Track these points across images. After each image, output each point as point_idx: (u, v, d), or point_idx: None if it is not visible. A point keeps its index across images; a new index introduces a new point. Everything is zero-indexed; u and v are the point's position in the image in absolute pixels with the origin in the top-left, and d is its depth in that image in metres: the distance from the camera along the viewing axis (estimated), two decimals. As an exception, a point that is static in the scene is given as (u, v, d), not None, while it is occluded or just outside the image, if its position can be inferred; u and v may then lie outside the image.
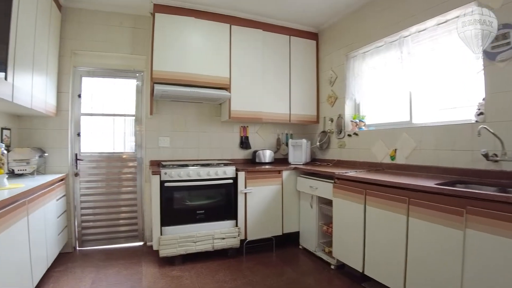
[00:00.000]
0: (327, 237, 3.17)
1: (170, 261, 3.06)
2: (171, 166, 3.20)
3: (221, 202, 3.29)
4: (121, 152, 3.71)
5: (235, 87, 3.60)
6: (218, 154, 3.97)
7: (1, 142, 2.84)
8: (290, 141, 3.98)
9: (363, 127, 3.52)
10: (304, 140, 3.85)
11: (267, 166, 3.59)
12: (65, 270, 2.88)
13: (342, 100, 3.69)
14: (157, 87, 3.17)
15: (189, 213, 3.15)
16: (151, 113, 3.38)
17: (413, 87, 2.92)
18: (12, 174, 2.84)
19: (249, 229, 3.33)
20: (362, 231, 2.52)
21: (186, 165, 3.26)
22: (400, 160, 2.94)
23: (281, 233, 3.48)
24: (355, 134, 3.49)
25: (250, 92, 3.69)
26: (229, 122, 3.95)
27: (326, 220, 3.18)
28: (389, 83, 3.14)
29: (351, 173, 2.82)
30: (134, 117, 3.74)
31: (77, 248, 3.48)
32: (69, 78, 3.41)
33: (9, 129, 2.99)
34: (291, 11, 3.65)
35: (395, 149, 2.99)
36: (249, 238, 3.33)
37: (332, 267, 2.97)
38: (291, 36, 3.98)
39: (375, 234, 2.41)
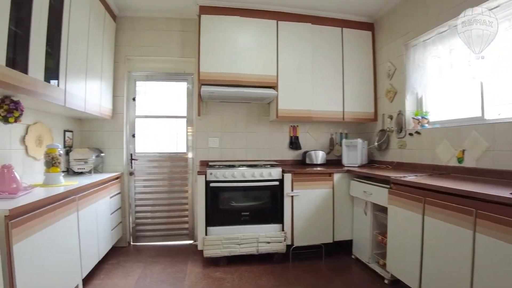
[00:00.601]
0: (382, 248, 2.84)
1: (215, 262, 3.05)
2: (217, 166, 3.20)
3: (266, 205, 3.18)
4: (174, 153, 3.83)
5: (283, 85, 3.46)
6: (267, 155, 3.87)
7: (64, 143, 3.13)
8: (344, 141, 3.69)
9: (426, 125, 3.08)
10: (359, 140, 3.53)
11: (318, 168, 3.36)
12: (117, 264, 3.06)
13: (402, 95, 3.29)
14: (204, 88, 3.19)
15: (234, 214, 3.11)
16: (198, 114, 3.42)
17: (485, 76, 2.44)
18: (72, 173, 3.12)
19: (296, 234, 3.15)
20: (420, 244, 2.17)
21: (232, 166, 3.22)
22: (468, 163, 2.49)
23: (331, 241, 3.23)
24: (417, 132, 3.08)
25: (299, 89, 3.50)
26: (277, 121, 3.81)
27: (382, 229, 2.85)
28: (455, 73, 2.68)
29: (410, 177, 2.47)
30: (185, 119, 3.84)
31: (131, 243, 3.69)
32: (123, 82, 3.63)
33: (71, 131, 3.28)
34: (343, 1, 3.37)
35: (463, 150, 2.54)
36: (296, 244, 3.15)
37: (386, 281, 2.64)
38: (343, 28, 3.68)
39: (435, 249, 2.05)
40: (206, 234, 3.03)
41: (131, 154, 3.72)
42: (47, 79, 2.15)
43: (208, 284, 2.65)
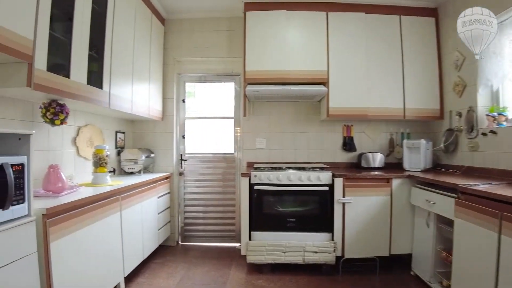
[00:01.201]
0: (446, 266, 2.40)
1: (259, 269, 2.92)
2: (262, 168, 3.08)
3: (315, 211, 2.95)
4: (222, 153, 3.80)
5: (334, 81, 3.18)
6: (317, 157, 3.61)
7: (116, 144, 3.29)
8: (404, 142, 3.25)
9: (504, 123, 2.54)
10: (422, 141, 3.08)
11: (375, 172, 3.02)
12: (162, 263, 3.11)
13: (474, 88, 2.77)
14: (249, 88, 3.09)
15: (279, 219, 2.94)
16: (244, 115, 3.32)
17: None
18: (124, 172, 3.26)
19: (347, 245, 2.85)
20: (494, 269, 1.75)
21: (279, 168, 3.06)
22: None
23: (387, 254, 2.86)
24: (493, 132, 2.55)
25: (352, 85, 3.19)
26: (329, 121, 3.54)
27: (447, 244, 2.42)
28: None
29: (483, 186, 2.04)
30: (233, 119, 3.79)
31: (180, 242, 3.74)
32: (173, 84, 3.70)
33: (123, 132, 3.44)
34: (401, -15, 2.99)
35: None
36: (347, 255, 2.86)
37: (451, 307, 2.23)
38: (401, 16, 3.25)
39: (515, 277, 1.64)
40: (250, 239, 2.92)
41: (181, 155, 3.78)
42: (91, 82, 2.24)
43: (249, 292, 2.54)
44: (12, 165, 1.47)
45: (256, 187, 2.93)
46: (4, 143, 1.59)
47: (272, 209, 2.98)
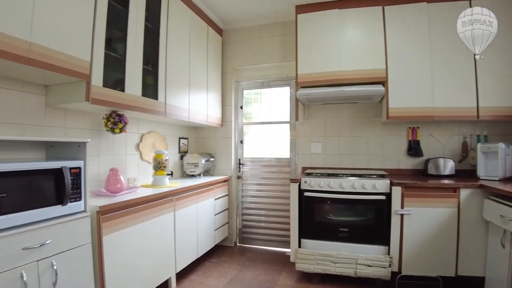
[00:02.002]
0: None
1: (308, 278, 2.84)
2: (314, 174, 3.00)
3: (369, 222, 2.73)
4: (278, 158, 3.82)
5: (394, 80, 2.91)
6: (378, 163, 3.34)
7: (179, 149, 3.58)
8: (478, 145, 2.77)
9: None
10: (501, 145, 2.58)
11: (444, 181, 2.65)
12: (217, 263, 3.25)
13: None
14: (300, 92, 3.04)
15: (331, 228, 2.81)
16: (296, 119, 3.27)
17: None
18: (186, 175, 3.53)
19: (405, 260, 2.57)
20: None
21: (331, 174, 2.94)
22: None
23: (453, 275, 2.47)
24: None
25: (415, 83, 2.87)
26: (391, 123, 3.25)
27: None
28: None
29: None
30: (289, 124, 3.77)
31: (238, 244, 3.86)
32: (231, 92, 3.87)
33: (186, 138, 3.72)
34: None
35: None
36: (405, 272, 2.57)
37: None
38: (472, 1, 2.79)
39: None
40: (299, 246, 2.86)
41: (239, 159, 3.91)
42: (147, 94, 2.50)
43: (294, 300, 2.48)
44: (70, 168, 1.75)
45: (306, 194, 2.85)
46: (67, 149, 1.90)
47: (323, 217, 2.86)
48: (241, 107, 3.96)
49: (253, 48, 3.78)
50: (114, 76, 2.22)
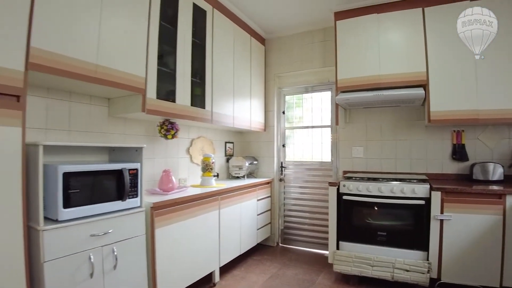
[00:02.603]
0: None
1: (346, 280, 2.88)
2: (353, 178, 3.04)
3: (408, 227, 2.70)
4: (320, 162, 3.89)
5: (435, 82, 2.83)
6: (422, 167, 3.23)
7: (225, 153, 3.83)
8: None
9: None
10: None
11: (491, 187, 2.52)
12: (259, 260, 3.42)
13: None
14: (338, 97, 3.10)
15: (368, 232, 2.83)
16: (336, 123, 3.31)
17: None
18: (231, 177, 3.77)
19: (445, 267, 2.49)
20: None
21: (371, 179, 2.95)
22: None
23: (498, 286, 2.33)
24: None
25: (458, 84, 2.75)
26: (435, 126, 3.14)
27: None
28: None
29: None
30: (330, 128, 3.82)
31: (280, 244, 3.99)
32: (273, 98, 4.03)
33: (232, 142, 3.97)
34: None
35: None
36: (444, 279, 2.49)
37: None
38: None
39: None
40: (338, 248, 2.91)
41: (282, 162, 4.05)
42: (195, 104, 2.77)
43: (330, 300, 2.56)
44: (129, 170, 2.05)
45: (345, 197, 2.90)
46: (126, 153, 2.21)
47: (361, 221, 2.88)
48: (283, 112, 4.10)
49: (294, 55, 3.91)
50: (166, 88, 2.52)
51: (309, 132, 3.99)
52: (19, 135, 1.46)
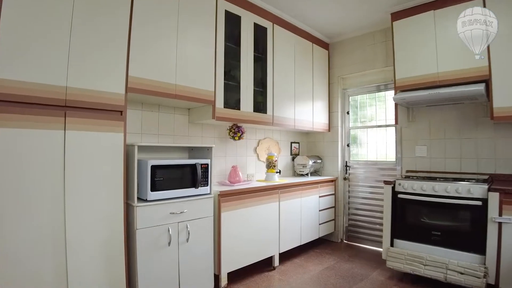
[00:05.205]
0: None
1: (399, 277, 2.95)
2: (411, 177, 3.07)
3: (464, 228, 2.63)
4: (383, 161, 3.92)
5: (498, 77, 2.66)
6: (490, 167, 3.03)
7: (291, 152, 4.18)
8: None
9: None
10: None
11: None
12: (319, 253, 3.67)
13: None
14: (396, 96, 3.16)
15: (422, 231, 2.85)
16: (396, 122, 3.35)
17: None
18: (296, 174, 4.10)
19: (504, 274, 2.36)
20: None
21: (427, 178, 2.97)
22: None
23: None
24: None
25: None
26: (504, 124, 2.92)
27: None
28: None
29: None
30: (394, 127, 3.83)
31: (344, 241, 4.14)
32: (337, 99, 4.21)
33: (297, 142, 4.29)
34: None
35: None
36: (502, 286, 2.36)
37: None
38: None
39: None
40: (392, 245, 2.99)
41: (346, 162, 4.20)
42: (257, 110, 3.21)
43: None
44: (201, 164, 2.59)
45: (399, 196, 2.97)
46: (201, 152, 2.77)
47: (415, 219, 2.91)
48: (348, 113, 4.24)
49: (357, 57, 4.03)
50: (232, 98, 3.01)
51: (373, 132, 4.05)
52: (121, 139, 2.09)
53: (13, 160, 1.64)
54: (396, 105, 3.33)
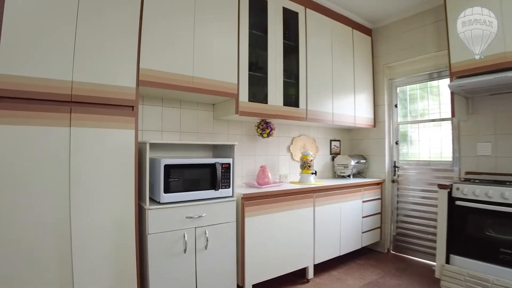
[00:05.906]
0: None
1: (461, 301, 2.44)
2: (471, 180, 2.54)
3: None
4: (438, 161, 3.36)
5: None
6: None
7: (330, 151, 3.79)
8: None
9: None
10: None
11: None
12: (362, 264, 3.24)
13: None
14: (452, 83, 2.63)
15: (487, 247, 2.33)
16: (453, 115, 2.80)
17: None
18: (336, 175, 3.70)
19: None
20: None
21: (494, 181, 2.43)
22: None
23: None
24: None
25: None
26: None
27: None
28: None
29: None
30: (450, 122, 3.25)
31: (391, 251, 3.63)
32: (383, 91, 3.72)
33: (338, 140, 3.87)
34: None
35: None
36: None
37: None
38: None
39: None
40: (447, 262, 2.49)
41: (394, 162, 3.69)
42: (288, 103, 2.90)
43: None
44: (222, 164, 2.35)
45: (458, 203, 2.46)
46: (225, 150, 2.54)
47: (479, 232, 2.39)
48: (396, 106, 3.72)
49: (404, 42, 3.50)
50: (258, 91, 2.74)
51: (426, 127, 3.50)
52: (132, 136, 1.93)
53: (14, 160, 1.54)
54: (452, 94, 2.79)
